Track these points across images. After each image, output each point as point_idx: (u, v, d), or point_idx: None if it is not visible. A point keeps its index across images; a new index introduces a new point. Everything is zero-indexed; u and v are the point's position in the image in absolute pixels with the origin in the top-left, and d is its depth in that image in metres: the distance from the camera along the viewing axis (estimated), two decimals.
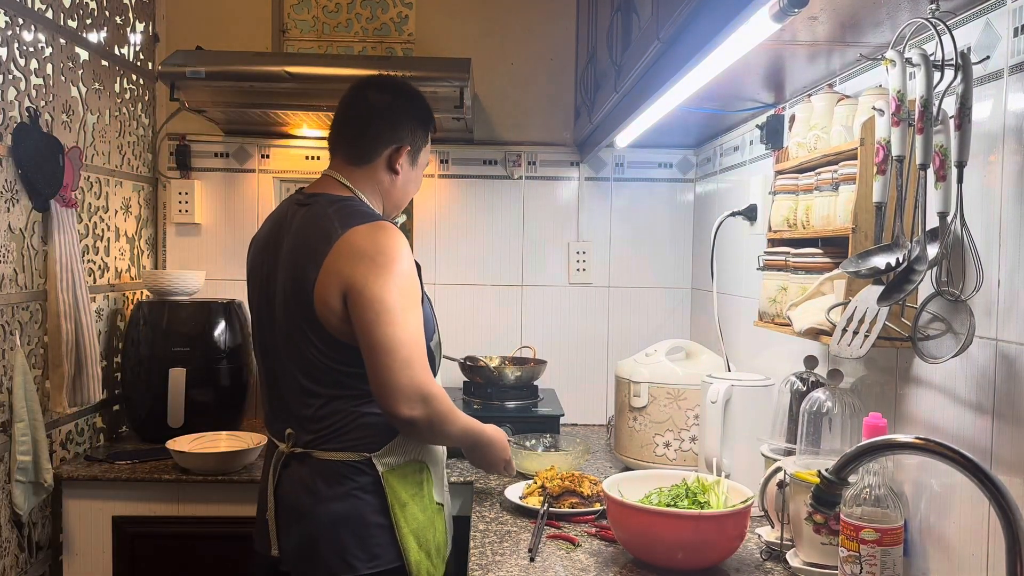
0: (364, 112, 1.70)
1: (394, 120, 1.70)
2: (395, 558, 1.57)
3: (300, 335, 1.58)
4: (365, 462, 1.58)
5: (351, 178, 1.68)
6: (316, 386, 1.59)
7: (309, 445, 1.60)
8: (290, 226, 1.65)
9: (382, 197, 1.72)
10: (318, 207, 1.62)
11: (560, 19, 2.88)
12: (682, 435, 2.16)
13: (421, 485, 1.64)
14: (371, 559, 1.56)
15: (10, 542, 1.99)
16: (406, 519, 1.59)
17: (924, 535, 1.42)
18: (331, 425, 1.59)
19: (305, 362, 1.59)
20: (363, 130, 1.69)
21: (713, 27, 1.24)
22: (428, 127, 1.77)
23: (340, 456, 1.58)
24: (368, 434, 1.59)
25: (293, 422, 1.62)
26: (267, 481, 1.65)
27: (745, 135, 2.37)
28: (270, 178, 2.87)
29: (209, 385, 2.44)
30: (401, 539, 1.58)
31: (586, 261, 2.93)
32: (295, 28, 2.84)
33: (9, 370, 1.95)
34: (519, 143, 2.91)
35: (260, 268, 1.70)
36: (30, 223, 2.04)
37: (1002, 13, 1.23)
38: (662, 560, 1.56)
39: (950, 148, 1.21)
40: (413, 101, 1.74)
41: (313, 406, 1.59)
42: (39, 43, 2.08)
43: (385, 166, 1.70)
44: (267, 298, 1.66)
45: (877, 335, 1.30)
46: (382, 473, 1.58)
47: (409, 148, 1.71)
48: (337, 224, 1.56)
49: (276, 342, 1.64)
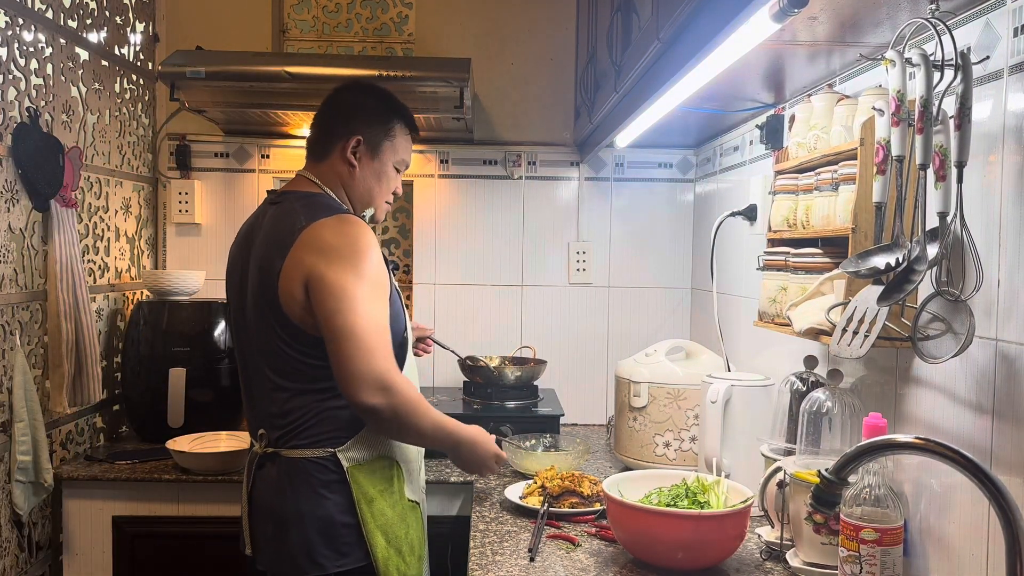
0: (324, 111, 1.77)
1: (347, 113, 1.75)
2: (363, 556, 1.57)
3: (268, 329, 1.60)
4: (330, 458, 1.58)
5: (317, 175, 1.74)
6: (284, 380, 1.60)
7: (278, 444, 1.61)
8: (259, 226, 1.69)
9: (345, 191, 1.75)
10: (287, 203, 1.66)
11: (560, 19, 2.88)
12: (682, 435, 2.16)
13: (391, 481, 1.63)
14: (339, 557, 1.56)
15: (10, 542, 1.99)
16: (373, 515, 1.58)
17: (924, 535, 1.42)
18: (296, 421, 1.59)
19: (273, 357, 1.60)
20: (322, 127, 1.76)
21: (713, 27, 1.24)
22: (388, 120, 1.77)
23: (305, 453, 1.58)
24: (332, 428, 1.59)
25: (264, 421, 1.64)
26: (243, 483, 1.68)
27: (745, 135, 2.37)
28: (270, 178, 2.87)
29: (209, 385, 2.44)
30: (368, 535, 1.57)
31: (586, 261, 2.93)
32: (295, 28, 2.84)
33: (9, 370, 1.95)
34: (519, 143, 2.91)
35: (235, 268, 1.73)
36: (30, 223, 2.04)
37: (1002, 13, 1.23)
38: (662, 560, 1.56)
39: (950, 148, 1.21)
40: (369, 95, 1.78)
41: (280, 402, 1.61)
42: (39, 43, 2.08)
43: (341, 159, 1.73)
44: (240, 297, 1.69)
45: (877, 335, 1.30)
46: (347, 469, 1.58)
47: (362, 139, 1.73)
48: (303, 217, 1.60)
49: (248, 340, 1.67)
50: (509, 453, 2.20)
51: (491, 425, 2.37)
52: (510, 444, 2.21)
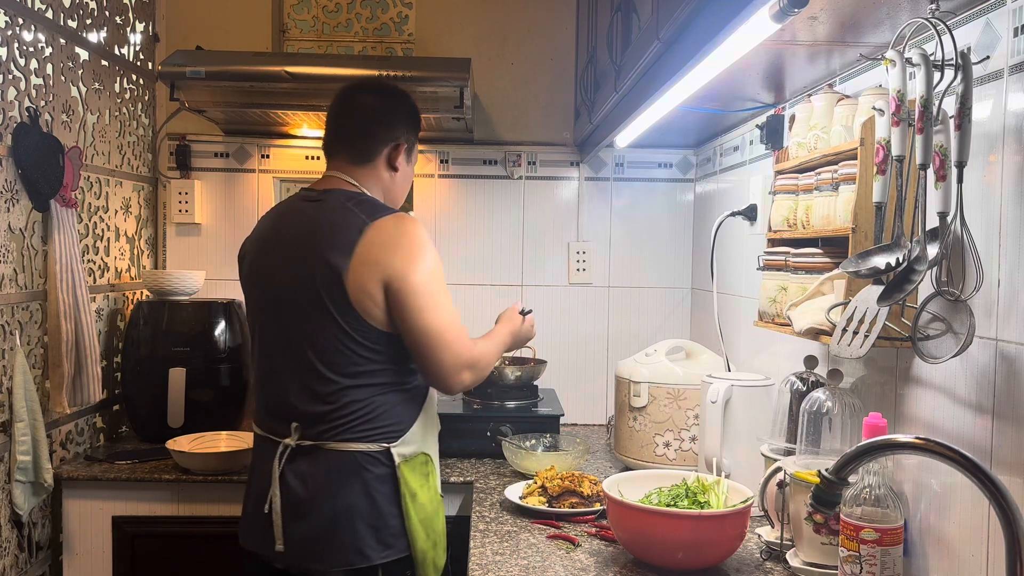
0: (360, 114, 1.78)
1: (389, 120, 1.78)
2: (405, 548, 1.63)
3: (326, 324, 1.61)
4: (383, 453, 1.63)
5: (356, 177, 1.75)
6: (336, 375, 1.62)
7: (320, 437, 1.62)
8: (298, 221, 1.69)
9: (384, 193, 1.79)
10: (333, 201, 1.68)
11: (560, 19, 2.88)
12: (682, 435, 2.16)
13: (428, 476, 1.69)
14: (384, 549, 1.61)
15: (10, 542, 1.99)
16: (416, 509, 1.64)
17: (924, 535, 1.42)
18: (350, 415, 1.62)
19: (328, 351, 1.62)
20: (361, 131, 1.77)
21: (713, 27, 1.24)
22: (418, 125, 1.86)
23: (359, 447, 1.61)
24: (388, 423, 1.64)
25: (298, 416, 1.64)
26: (267, 477, 1.66)
27: (745, 135, 2.37)
28: (270, 178, 2.87)
29: (209, 385, 2.44)
30: (411, 529, 1.63)
31: (586, 261, 2.93)
32: (295, 28, 2.84)
33: (9, 370, 1.95)
34: (519, 143, 2.91)
35: (262, 265, 1.73)
36: (30, 223, 2.04)
37: (1002, 13, 1.23)
38: (662, 560, 1.56)
39: (950, 148, 1.21)
40: (405, 101, 1.83)
41: (328, 396, 1.62)
42: (39, 43, 2.08)
43: (385, 163, 1.78)
44: (272, 293, 1.69)
45: (877, 335, 1.30)
46: (398, 464, 1.63)
47: (405, 145, 1.80)
48: (363, 215, 1.64)
49: (284, 334, 1.67)
50: (509, 453, 2.21)
51: (491, 425, 2.39)
52: (510, 444, 2.21)
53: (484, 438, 2.37)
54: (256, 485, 1.70)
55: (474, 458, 2.38)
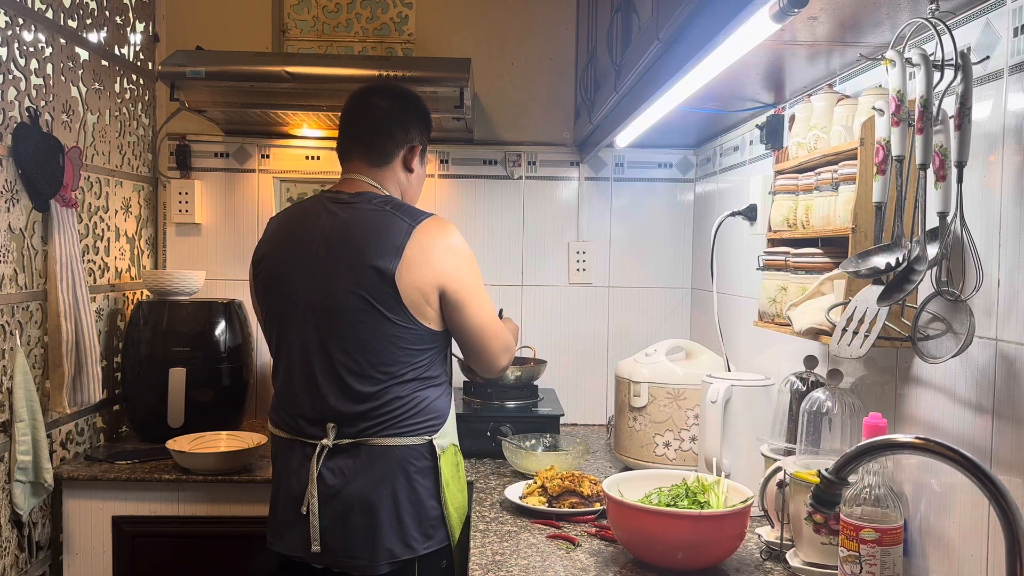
0: (375, 117, 1.81)
1: (404, 122, 1.83)
2: (444, 537, 1.72)
3: (374, 323, 1.65)
4: (426, 446, 1.69)
5: (375, 179, 1.80)
6: (381, 372, 1.66)
7: (362, 434, 1.66)
8: (332, 224, 1.71)
9: (400, 194, 1.83)
10: (368, 204, 1.72)
11: (560, 19, 2.88)
12: (682, 435, 2.16)
13: (458, 466, 1.78)
14: (426, 540, 1.69)
15: (10, 542, 1.99)
16: (451, 499, 1.72)
17: (924, 535, 1.42)
18: (394, 411, 1.66)
19: (374, 351, 1.65)
20: (378, 133, 1.81)
21: (713, 27, 1.24)
22: (430, 127, 1.90)
23: (405, 441, 1.67)
24: (430, 417, 1.70)
25: (335, 416, 1.67)
26: (300, 478, 1.67)
27: (745, 135, 2.37)
28: (270, 178, 2.87)
29: (209, 385, 2.44)
30: (448, 518, 1.72)
31: (586, 261, 2.93)
32: (295, 28, 2.84)
33: (9, 370, 1.95)
34: (519, 143, 2.91)
35: (284, 271, 1.73)
36: (30, 223, 2.04)
37: (1002, 13, 1.23)
38: (662, 560, 1.56)
39: (950, 148, 1.21)
40: (417, 103, 1.87)
41: (370, 395, 1.66)
42: (39, 43, 2.08)
43: (401, 165, 1.83)
44: (303, 295, 1.70)
45: (877, 335, 1.30)
46: (439, 455, 1.70)
47: (420, 147, 1.85)
48: (406, 219, 1.70)
49: (311, 339, 1.68)
50: (509, 453, 2.21)
51: (491, 425, 2.39)
52: (510, 444, 2.21)
53: (484, 438, 2.38)
54: (286, 488, 1.72)
55: (474, 458, 2.38)
